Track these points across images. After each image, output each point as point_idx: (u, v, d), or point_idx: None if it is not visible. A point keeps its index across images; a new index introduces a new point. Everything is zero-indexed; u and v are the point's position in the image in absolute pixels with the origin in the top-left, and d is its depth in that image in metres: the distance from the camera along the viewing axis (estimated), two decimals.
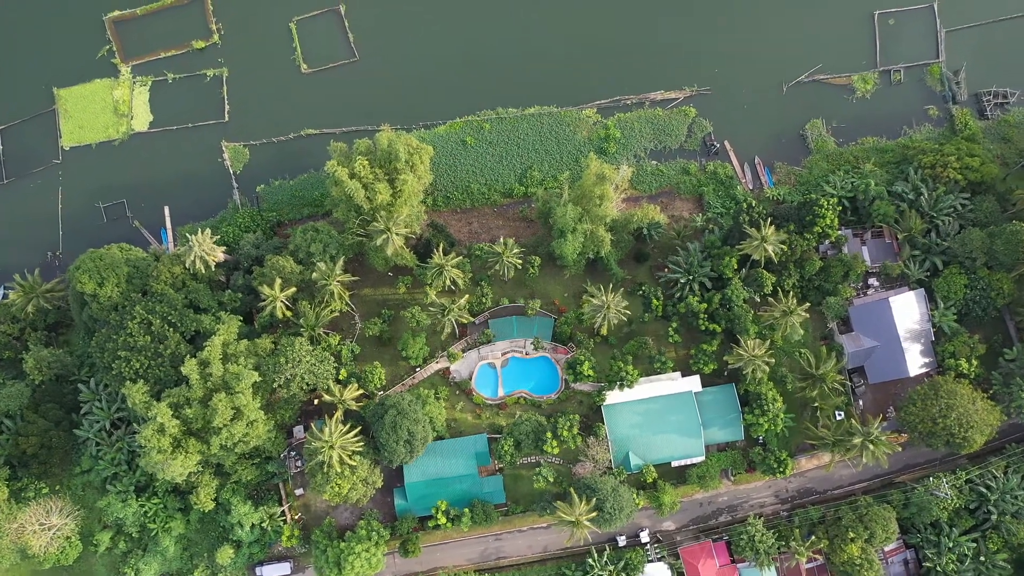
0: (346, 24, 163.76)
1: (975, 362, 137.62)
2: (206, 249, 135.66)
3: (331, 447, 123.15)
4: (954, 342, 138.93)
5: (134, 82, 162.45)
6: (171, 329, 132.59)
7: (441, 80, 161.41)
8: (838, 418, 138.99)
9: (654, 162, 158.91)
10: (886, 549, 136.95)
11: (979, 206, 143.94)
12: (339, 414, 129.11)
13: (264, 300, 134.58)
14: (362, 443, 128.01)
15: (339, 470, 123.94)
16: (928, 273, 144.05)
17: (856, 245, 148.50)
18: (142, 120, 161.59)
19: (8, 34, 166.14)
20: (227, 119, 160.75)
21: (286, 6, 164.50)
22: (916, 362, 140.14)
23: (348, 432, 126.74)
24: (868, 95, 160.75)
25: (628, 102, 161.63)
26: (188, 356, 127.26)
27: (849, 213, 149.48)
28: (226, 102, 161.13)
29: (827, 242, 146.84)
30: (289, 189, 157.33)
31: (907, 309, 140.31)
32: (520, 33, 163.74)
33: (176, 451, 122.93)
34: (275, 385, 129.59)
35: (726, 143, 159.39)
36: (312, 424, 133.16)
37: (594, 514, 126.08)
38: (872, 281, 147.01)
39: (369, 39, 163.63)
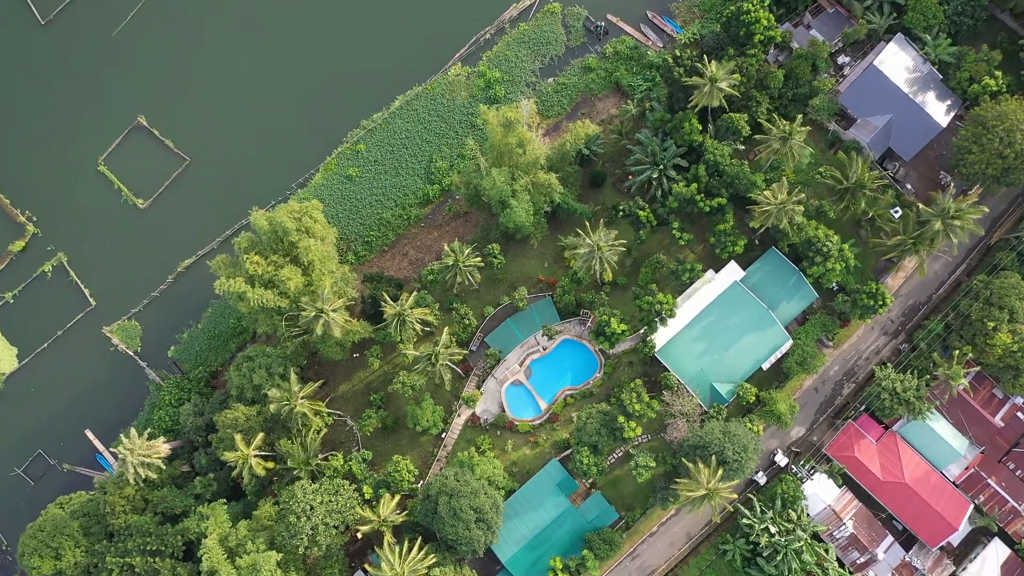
0: (156, 133, 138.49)
1: (999, 73, 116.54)
2: (142, 451, 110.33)
3: None
4: (965, 67, 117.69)
5: None
6: (157, 558, 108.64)
7: (284, 132, 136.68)
8: (898, 216, 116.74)
9: (550, 80, 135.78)
10: None
11: None
12: (388, 537, 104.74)
13: (235, 466, 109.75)
14: (432, 551, 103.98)
15: None
16: (894, 16, 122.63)
17: (803, 35, 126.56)
18: (7, 359, 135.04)
19: None
20: (94, 303, 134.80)
21: (83, 152, 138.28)
22: (940, 110, 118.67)
23: (410, 550, 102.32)
24: None
25: (486, 37, 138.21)
26: None
27: (776, 9, 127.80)
28: (82, 286, 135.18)
29: (773, 49, 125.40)
30: (202, 335, 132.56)
31: (897, 62, 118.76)
32: (328, 41, 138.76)
33: None
34: (301, 550, 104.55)
35: (609, 17, 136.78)
36: (367, 564, 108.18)
37: (720, 471, 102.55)
38: (843, 59, 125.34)
39: (189, 135, 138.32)
